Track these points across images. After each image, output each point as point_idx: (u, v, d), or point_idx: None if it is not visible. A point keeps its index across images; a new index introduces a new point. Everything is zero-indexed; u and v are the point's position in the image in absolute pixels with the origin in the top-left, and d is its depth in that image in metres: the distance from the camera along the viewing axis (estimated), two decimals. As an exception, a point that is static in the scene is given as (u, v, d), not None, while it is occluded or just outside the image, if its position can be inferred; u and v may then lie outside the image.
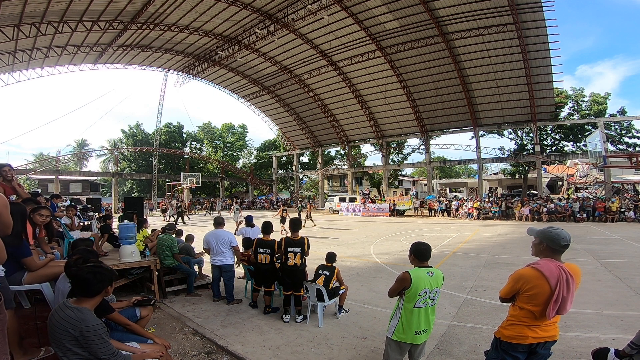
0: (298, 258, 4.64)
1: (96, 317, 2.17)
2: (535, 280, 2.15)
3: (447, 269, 7.61)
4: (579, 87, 34.98)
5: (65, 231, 5.85)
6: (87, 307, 2.16)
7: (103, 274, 2.30)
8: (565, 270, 2.14)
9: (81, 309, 2.12)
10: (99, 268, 2.34)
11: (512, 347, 2.22)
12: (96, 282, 2.23)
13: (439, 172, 55.73)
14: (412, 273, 2.69)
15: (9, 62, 22.89)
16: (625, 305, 5.13)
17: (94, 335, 2.04)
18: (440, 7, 21.37)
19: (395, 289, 2.77)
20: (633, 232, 13.87)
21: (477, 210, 22.22)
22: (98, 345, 2.05)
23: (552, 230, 2.26)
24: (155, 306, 5.07)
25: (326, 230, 16.38)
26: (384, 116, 32.09)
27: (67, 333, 2.02)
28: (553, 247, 2.22)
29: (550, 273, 2.12)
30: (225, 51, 27.10)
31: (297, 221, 4.92)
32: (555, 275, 2.12)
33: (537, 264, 2.20)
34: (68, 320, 2.04)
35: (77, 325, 2.03)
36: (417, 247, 2.82)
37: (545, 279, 2.12)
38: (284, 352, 3.75)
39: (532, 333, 2.18)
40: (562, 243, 2.20)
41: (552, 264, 2.18)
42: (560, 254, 2.24)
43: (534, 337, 2.18)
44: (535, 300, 2.15)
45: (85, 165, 49.61)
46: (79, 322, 2.04)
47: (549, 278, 2.11)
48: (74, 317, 2.06)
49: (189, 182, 33.44)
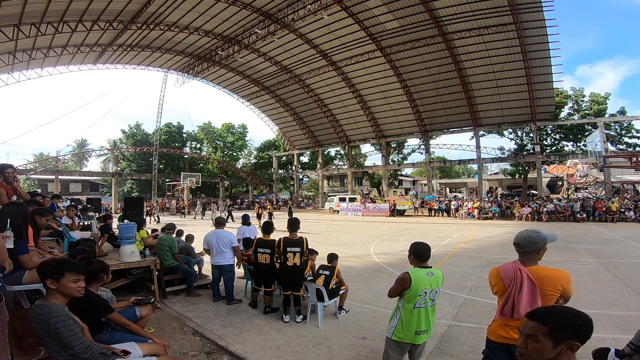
0: (297, 258, 4.63)
1: (62, 310, 2.12)
2: (492, 278, 2.32)
3: (447, 269, 7.61)
4: (579, 87, 35.04)
5: (65, 231, 5.84)
6: (53, 302, 2.14)
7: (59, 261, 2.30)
8: (524, 272, 2.14)
9: (46, 304, 2.12)
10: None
11: (494, 344, 2.24)
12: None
13: (439, 172, 55.72)
14: (412, 273, 2.68)
15: (9, 62, 22.89)
16: (625, 305, 5.14)
17: (63, 327, 2.03)
18: (440, 7, 21.36)
19: (395, 289, 2.77)
20: (633, 232, 13.87)
21: (477, 210, 22.23)
22: (69, 338, 2.03)
23: (521, 234, 2.28)
24: (155, 306, 5.07)
25: (326, 231, 16.38)
26: (384, 116, 32.09)
27: (41, 330, 2.03)
28: (518, 250, 2.28)
29: (505, 273, 2.21)
30: (225, 51, 27.10)
31: (296, 220, 4.88)
32: (510, 275, 2.18)
33: (502, 265, 2.30)
34: (37, 317, 2.04)
35: (44, 320, 2.02)
36: (417, 247, 2.81)
37: (500, 277, 2.23)
38: (284, 352, 3.75)
39: (505, 333, 2.18)
40: (523, 244, 2.22)
41: (513, 264, 2.23)
42: (527, 254, 2.22)
43: (505, 337, 2.17)
44: (500, 299, 2.26)
45: (85, 165, 49.70)
46: (44, 315, 2.04)
47: (504, 278, 2.20)
48: (40, 312, 2.06)
49: (188, 182, 33.45)
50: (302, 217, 23.39)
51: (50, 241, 5.07)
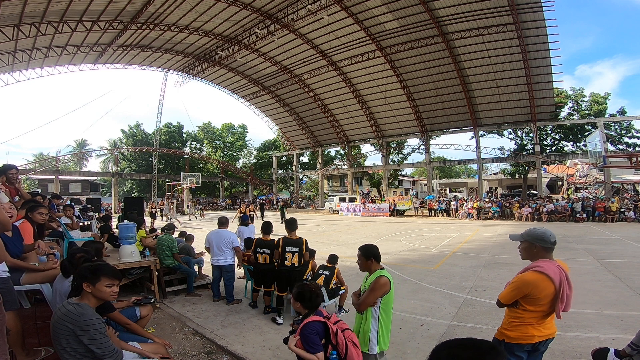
0: (296, 258, 4.62)
1: (95, 313, 2.18)
2: (542, 284, 2.15)
3: (447, 269, 7.62)
4: (579, 87, 34.99)
5: (65, 231, 5.84)
6: (87, 303, 2.18)
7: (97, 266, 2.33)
8: (563, 268, 2.20)
9: (81, 304, 2.15)
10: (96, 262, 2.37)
11: (518, 348, 2.24)
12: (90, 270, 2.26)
13: (438, 172, 55.70)
14: (386, 275, 2.60)
15: (9, 62, 22.87)
16: (625, 305, 5.13)
17: (93, 330, 2.05)
18: (440, 7, 21.36)
19: (377, 297, 2.56)
20: (633, 232, 13.87)
21: (477, 210, 22.23)
22: (98, 340, 2.06)
23: (539, 230, 2.28)
24: (155, 306, 5.07)
25: (326, 230, 16.38)
26: (384, 116, 32.09)
27: (66, 329, 2.03)
28: (545, 247, 2.25)
29: (554, 274, 2.15)
30: (225, 51, 27.09)
31: (293, 220, 4.89)
32: (558, 275, 2.16)
33: (540, 267, 2.19)
34: (68, 315, 2.06)
35: (77, 320, 2.04)
36: (372, 250, 2.70)
37: (551, 280, 2.14)
38: (284, 352, 3.74)
39: (537, 332, 2.22)
40: (552, 239, 2.25)
41: (552, 264, 2.21)
42: (552, 252, 2.28)
43: (539, 336, 2.22)
44: (542, 302, 2.17)
45: (85, 165, 49.63)
46: (78, 316, 2.06)
47: (554, 279, 2.14)
48: (74, 311, 2.07)
49: (188, 182, 33.41)
50: (302, 217, 23.46)
51: (50, 241, 5.07)
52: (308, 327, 2.42)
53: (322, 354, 2.37)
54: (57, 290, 2.91)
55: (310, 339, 2.36)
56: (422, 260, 8.76)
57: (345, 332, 2.46)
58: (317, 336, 2.38)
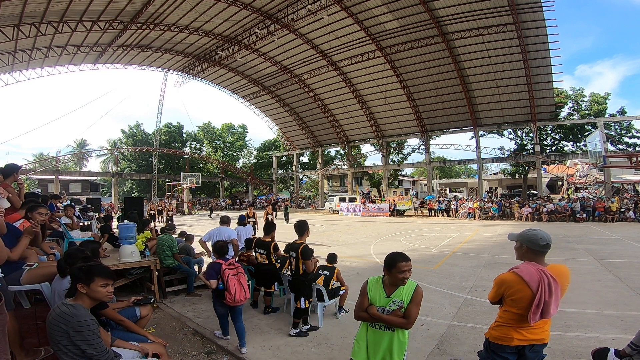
0: (294, 264, 4.27)
1: (89, 314, 2.18)
2: (517, 285, 2.13)
3: (447, 269, 7.62)
4: (579, 87, 34.99)
5: (65, 231, 5.84)
6: (81, 304, 2.18)
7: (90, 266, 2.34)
8: (547, 273, 2.11)
9: (75, 305, 2.15)
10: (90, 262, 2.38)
11: (500, 348, 2.21)
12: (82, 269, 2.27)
13: (438, 172, 55.72)
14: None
15: (9, 62, 22.87)
16: (625, 305, 5.13)
17: (86, 330, 2.06)
18: (440, 7, 21.36)
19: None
20: (633, 232, 13.87)
21: (477, 210, 22.23)
22: (91, 341, 2.06)
23: (530, 232, 2.24)
24: (155, 306, 5.07)
25: (326, 231, 16.38)
26: (384, 116, 32.09)
27: (60, 329, 2.04)
28: (533, 249, 2.20)
29: (530, 277, 2.10)
30: (225, 51, 27.10)
31: (303, 224, 4.34)
32: (536, 279, 2.08)
33: (518, 269, 2.18)
34: (62, 316, 2.06)
35: (70, 321, 2.05)
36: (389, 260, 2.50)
37: (526, 283, 2.10)
38: (284, 352, 3.75)
39: (518, 335, 2.16)
40: (541, 243, 2.17)
41: (533, 267, 2.15)
42: (542, 255, 2.21)
43: (519, 339, 2.16)
44: (519, 304, 2.13)
45: (85, 166, 49.62)
46: (71, 317, 2.06)
47: (530, 282, 2.09)
48: (67, 312, 2.08)
49: (188, 182, 33.45)
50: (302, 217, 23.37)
51: (50, 241, 5.07)
52: (211, 265, 3.87)
53: (215, 281, 3.70)
54: (55, 290, 2.92)
55: (208, 272, 3.81)
56: (422, 260, 8.76)
57: (232, 272, 3.76)
58: (213, 270, 3.75)
